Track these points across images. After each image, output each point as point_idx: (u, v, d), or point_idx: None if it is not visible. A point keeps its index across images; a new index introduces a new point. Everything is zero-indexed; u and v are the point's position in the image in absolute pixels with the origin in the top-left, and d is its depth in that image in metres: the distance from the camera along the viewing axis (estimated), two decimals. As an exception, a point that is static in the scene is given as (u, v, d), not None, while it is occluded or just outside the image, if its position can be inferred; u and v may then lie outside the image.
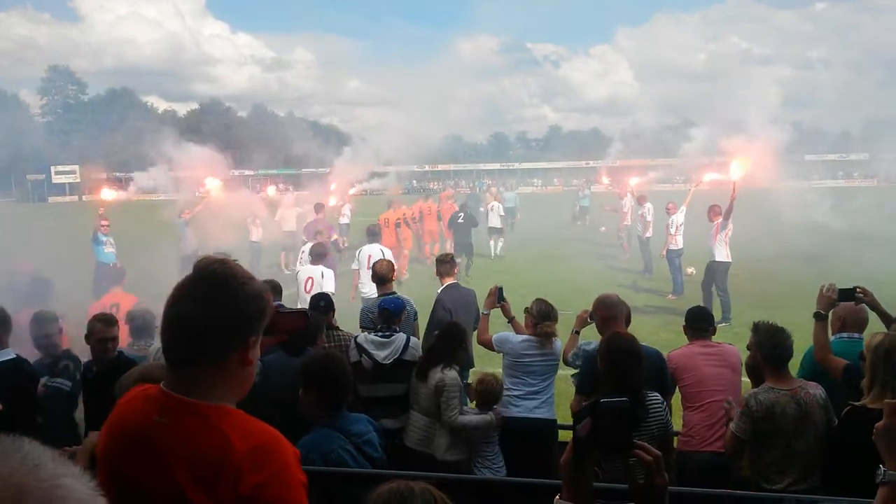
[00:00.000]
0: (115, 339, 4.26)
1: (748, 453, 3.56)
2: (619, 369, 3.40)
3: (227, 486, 1.37)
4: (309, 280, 8.43)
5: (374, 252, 9.40)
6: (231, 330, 1.49)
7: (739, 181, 11.17)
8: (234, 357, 1.50)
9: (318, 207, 14.57)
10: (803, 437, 3.40)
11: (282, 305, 5.49)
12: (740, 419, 3.49)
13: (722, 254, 11.07)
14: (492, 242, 18.59)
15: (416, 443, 4.34)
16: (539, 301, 4.70)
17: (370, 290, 7.76)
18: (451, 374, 4.34)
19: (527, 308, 4.73)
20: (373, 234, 10.42)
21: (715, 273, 11.13)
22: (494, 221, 18.54)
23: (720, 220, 11.08)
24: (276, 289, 5.84)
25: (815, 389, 3.50)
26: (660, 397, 3.57)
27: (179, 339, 1.49)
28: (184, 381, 1.47)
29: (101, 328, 4.21)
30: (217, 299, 1.47)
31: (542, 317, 4.57)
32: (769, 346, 3.53)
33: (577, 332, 4.73)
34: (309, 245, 9.62)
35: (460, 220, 15.81)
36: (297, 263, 10.19)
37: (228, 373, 1.50)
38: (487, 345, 4.95)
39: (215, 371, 1.48)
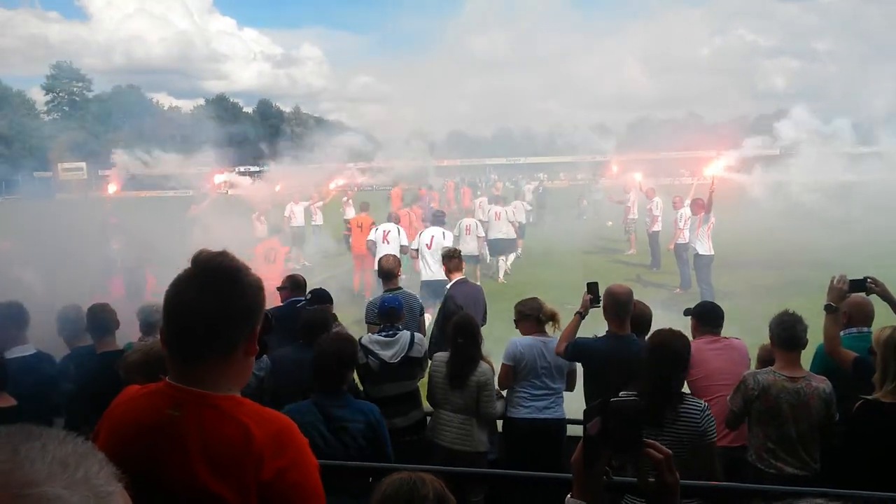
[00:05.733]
0: None
1: (747, 433, 3.68)
2: (661, 369, 3.20)
3: (249, 474, 1.38)
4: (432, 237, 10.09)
5: (436, 234, 10.13)
6: (241, 322, 1.50)
7: (718, 177, 11.48)
8: (241, 348, 1.51)
9: (419, 189, 20.40)
10: (799, 424, 3.44)
11: (297, 300, 5.49)
12: (735, 393, 3.65)
13: (704, 247, 11.14)
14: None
15: (453, 441, 4.27)
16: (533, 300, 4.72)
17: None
18: (485, 366, 4.33)
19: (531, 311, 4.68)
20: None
21: (698, 267, 11.25)
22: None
23: (703, 213, 11.15)
24: (300, 284, 5.84)
25: (821, 383, 3.52)
26: (701, 404, 3.25)
27: (190, 333, 1.47)
28: (194, 373, 1.47)
29: None
30: (226, 292, 1.47)
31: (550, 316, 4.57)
32: (773, 325, 3.65)
33: (580, 315, 4.48)
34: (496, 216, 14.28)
35: (539, 192, 26.47)
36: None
37: (236, 363, 1.51)
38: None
39: (224, 362, 1.49)
